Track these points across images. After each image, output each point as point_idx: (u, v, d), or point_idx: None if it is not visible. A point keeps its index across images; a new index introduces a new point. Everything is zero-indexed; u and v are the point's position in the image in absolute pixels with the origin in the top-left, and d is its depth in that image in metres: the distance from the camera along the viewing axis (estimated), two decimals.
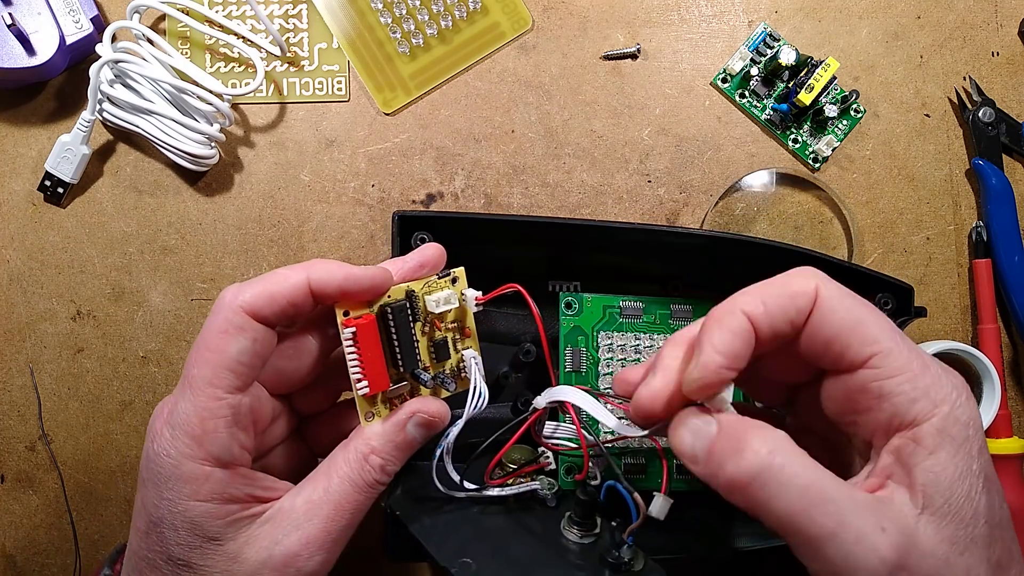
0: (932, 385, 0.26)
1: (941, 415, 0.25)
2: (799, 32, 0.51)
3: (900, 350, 0.26)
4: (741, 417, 0.27)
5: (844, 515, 0.24)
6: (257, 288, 0.30)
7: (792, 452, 0.25)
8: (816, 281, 0.27)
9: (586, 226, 0.42)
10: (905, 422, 0.26)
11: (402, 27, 0.50)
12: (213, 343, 0.30)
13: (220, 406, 0.30)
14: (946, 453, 0.25)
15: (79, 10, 0.47)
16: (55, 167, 0.48)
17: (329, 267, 0.31)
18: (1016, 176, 0.51)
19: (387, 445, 0.33)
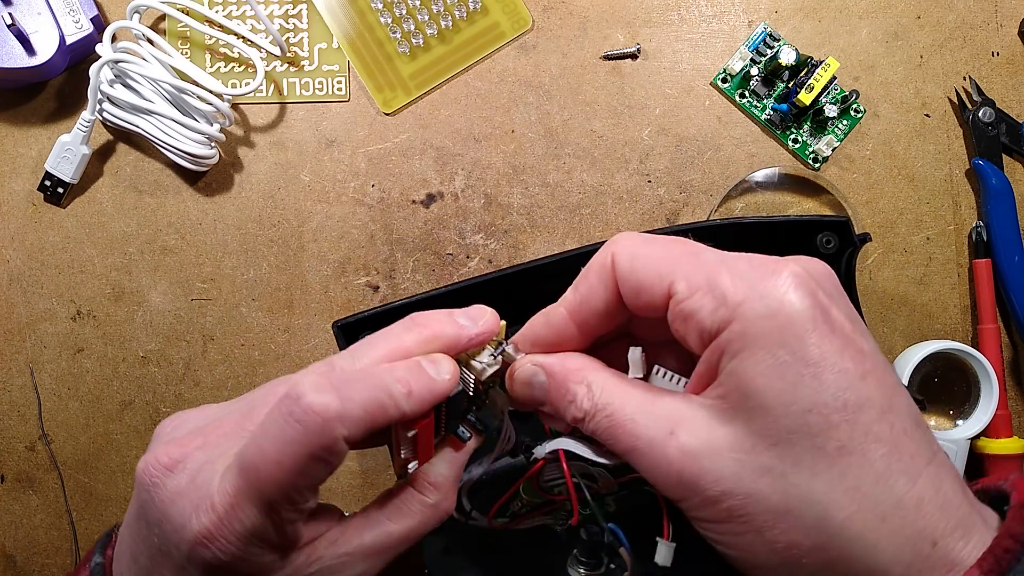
0: (730, 288, 0.25)
1: (739, 316, 0.24)
2: (799, 32, 0.51)
3: (695, 269, 0.26)
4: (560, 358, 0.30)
5: (638, 428, 0.26)
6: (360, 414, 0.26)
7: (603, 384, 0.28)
8: (611, 248, 0.28)
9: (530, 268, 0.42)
10: (710, 333, 0.25)
11: (402, 27, 0.50)
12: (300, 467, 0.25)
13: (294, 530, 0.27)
14: (747, 351, 0.24)
15: (79, 10, 0.47)
16: (55, 167, 0.48)
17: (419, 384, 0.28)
18: (1016, 176, 0.51)
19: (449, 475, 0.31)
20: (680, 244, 0.27)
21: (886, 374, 0.25)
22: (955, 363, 0.48)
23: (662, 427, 0.26)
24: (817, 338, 0.24)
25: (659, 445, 0.26)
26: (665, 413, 0.26)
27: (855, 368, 0.24)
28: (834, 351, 0.24)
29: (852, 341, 0.25)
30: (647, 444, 0.26)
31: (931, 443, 0.25)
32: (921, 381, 0.49)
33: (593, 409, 0.27)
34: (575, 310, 0.29)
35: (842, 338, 0.25)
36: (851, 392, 0.24)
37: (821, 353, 0.24)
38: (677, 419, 0.26)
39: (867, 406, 0.24)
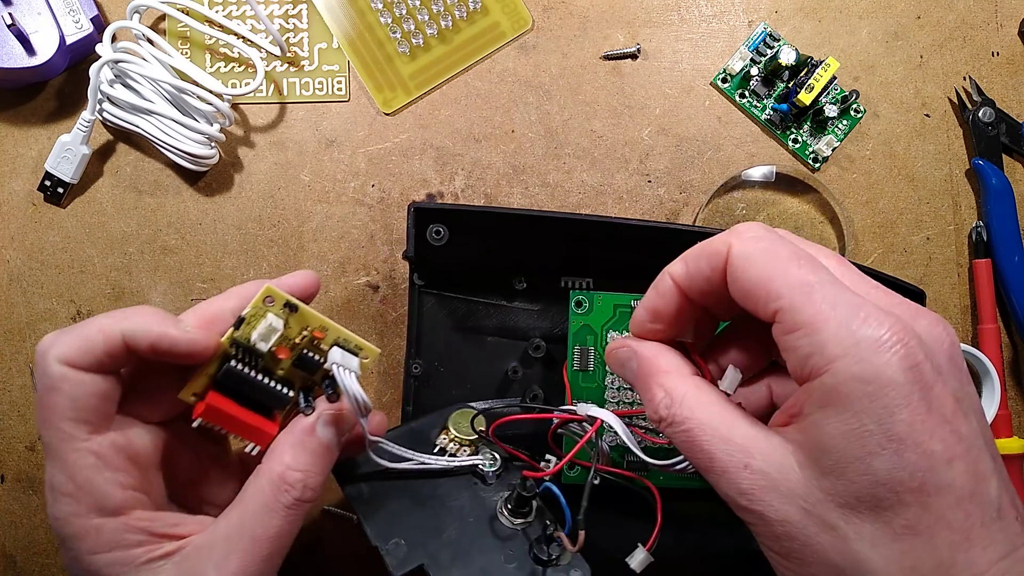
0: (830, 339, 0.24)
1: (833, 371, 0.24)
2: (799, 32, 0.51)
3: (806, 303, 0.25)
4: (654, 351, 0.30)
5: (715, 453, 0.26)
6: (70, 338, 0.29)
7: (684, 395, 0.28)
8: (731, 239, 0.28)
9: (600, 222, 0.42)
10: (803, 376, 0.25)
11: (402, 27, 0.50)
12: (43, 403, 0.29)
13: (77, 456, 0.28)
14: (833, 410, 0.24)
15: (79, 10, 0.47)
16: (55, 167, 0.48)
17: (146, 320, 0.30)
18: (1016, 176, 0.51)
19: (301, 456, 0.30)
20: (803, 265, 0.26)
21: (980, 460, 0.24)
22: None
23: (738, 458, 0.26)
24: (908, 414, 0.23)
25: (733, 475, 0.26)
26: (742, 442, 0.26)
27: (943, 451, 0.24)
28: (924, 430, 0.24)
29: (948, 422, 0.24)
30: (721, 470, 0.26)
31: (1013, 537, 0.24)
32: None
33: (670, 419, 0.28)
34: (683, 282, 0.30)
35: (938, 418, 0.24)
36: (931, 475, 0.23)
37: (909, 431, 0.23)
38: (753, 451, 0.26)
39: (946, 491, 0.24)
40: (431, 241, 0.42)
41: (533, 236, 0.43)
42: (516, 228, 0.42)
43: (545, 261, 0.44)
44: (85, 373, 0.29)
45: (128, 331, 0.29)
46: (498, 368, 0.44)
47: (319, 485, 0.30)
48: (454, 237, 0.41)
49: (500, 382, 0.44)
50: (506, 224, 0.42)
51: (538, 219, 0.42)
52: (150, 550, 0.29)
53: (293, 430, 0.31)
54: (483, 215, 0.42)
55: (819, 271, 0.26)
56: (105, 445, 0.29)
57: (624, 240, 0.43)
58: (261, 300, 0.31)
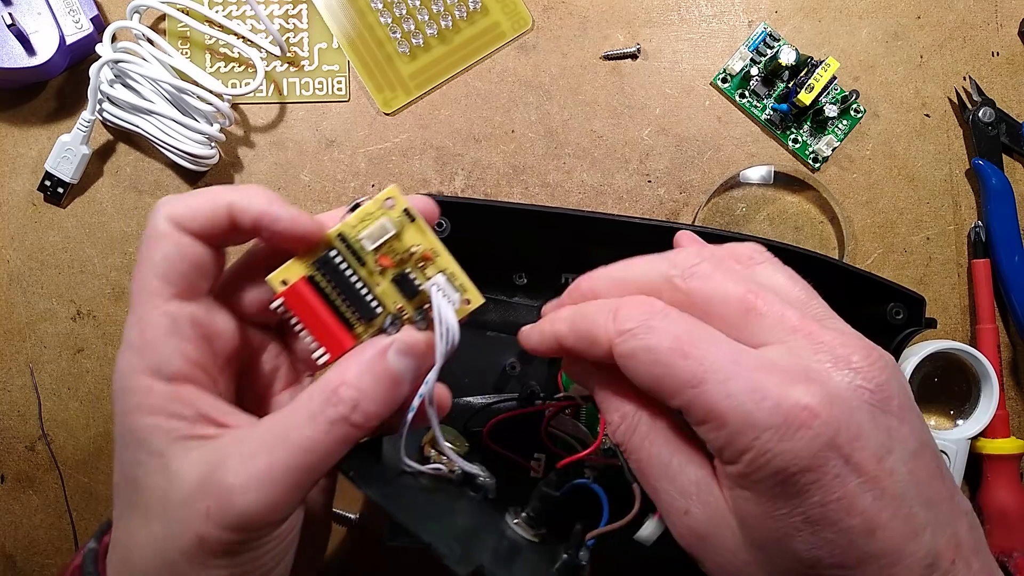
0: (734, 434, 0.24)
1: (743, 463, 0.24)
2: (799, 32, 0.51)
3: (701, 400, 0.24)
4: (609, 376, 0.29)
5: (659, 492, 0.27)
6: (182, 199, 0.28)
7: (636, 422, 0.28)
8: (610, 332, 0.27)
9: (601, 219, 0.42)
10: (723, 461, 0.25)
11: (402, 27, 0.50)
12: (142, 253, 0.28)
13: (154, 314, 0.27)
14: (751, 493, 0.24)
15: (79, 10, 0.47)
16: (55, 167, 0.48)
17: (254, 194, 0.28)
18: (1016, 176, 0.51)
19: (364, 376, 0.27)
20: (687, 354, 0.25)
21: (907, 518, 0.23)
22: (955, 363, 0.48)
23: (679, 503, 0.26)
24: (821, 496, 0.23)
25: (674, 517, 0.27)
26: (686, 487, 0.26)
27: (862, 524, 0.23)
28: (840, 508, 0.23)
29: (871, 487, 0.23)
30: (665, 510, 0.27)
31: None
32: (921, 381, 0.49)
33: (625, 446, 0.28)
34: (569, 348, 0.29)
35: (855, 488, 0.23)
36: (850, 550, 0.23)
37: (823, 512, 0.23)
38: (694, 499, 0.26)
39: (868, 562, 0.23)
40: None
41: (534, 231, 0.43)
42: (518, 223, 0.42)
43: (546, 257, 0.44)
44: (187, 235, 0.28)
45: (235, 201, 0.28)
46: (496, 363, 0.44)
47: (373, 415, 0.27)
48: (456, 230, 0.41)
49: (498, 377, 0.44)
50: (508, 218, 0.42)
51: (540, 214, 0.42)
52: (190, 427, 0.27)
53: (364, 348, 0.28)
54: (486, 209, 0.42)
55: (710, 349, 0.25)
56: (183, 313, 0.28)
57: (624, 238, 0.43)
58: (382, 199, 0.30)
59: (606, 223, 0.42)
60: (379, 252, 0.30)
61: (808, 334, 0.25)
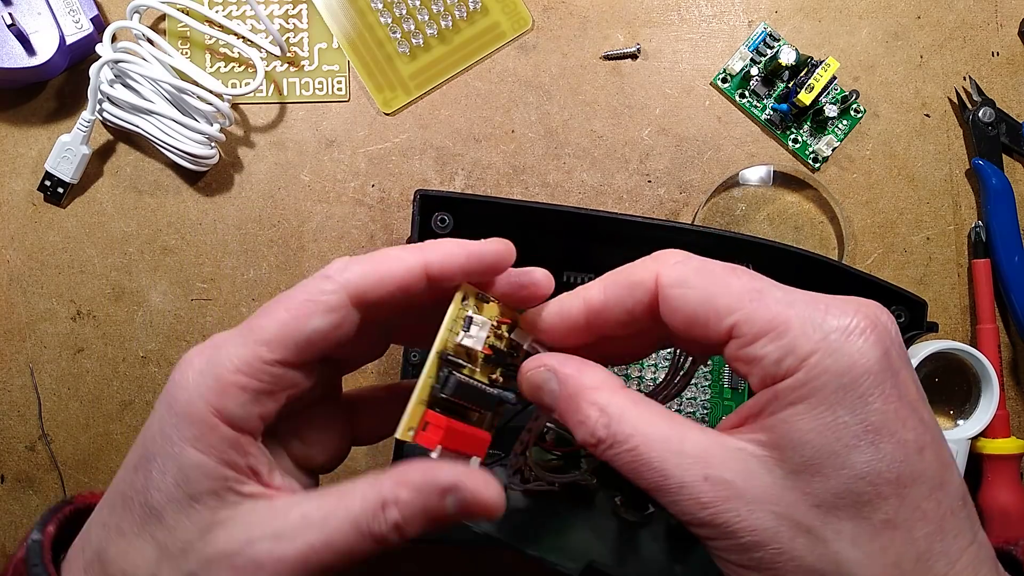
0: (799, 337, 0.23)
1: (806, 367, 0.23)
2: (799, 32, 0.51)
3: (762, 310, 0.24)
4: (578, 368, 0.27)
5: (668, 469, 0.24)
6: (367, 267, 0.27)
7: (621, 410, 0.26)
8: (657, 268, 0.26)
9: (602, 217, 0.42)
10: (776, 379, 0.24)
11: (402, 27, 0.50)
12: (295, 305, 0.26)
13: (262, 369, 0.26)
14: (806, 405, 0.23)
15: (79, 10, 0.47)
16: (55, 167, 0.48)
17: (447, 246, 0.27)
18: (1016, 176, 0.51)
19: (414, 505, 0.26)
20: (741, 276, 0.25)
21: (942, 448, 0.24)
22: (955, 363, 0.48)
23: (696, 470, 0.24)
24: (882, 403, 0.23)
25: (692, 490, 0.24)
26: (696, 452, 0.24)
27: (915, 440, 0.23)
28: (897, 419, 0.23)
29: (916, 410, 0.24)
30: (678, 487, 0.24)
31: (973, 523, 0.24)
32: (922, 381, 0.49)
33: (611, 439, 0.25)
34: (595, 312, 0.28)
35: (907, 406, 0.23)
36: (906, 465, 0.23)
37: (884, 419, 0.23)
38: (710, 460, 0.24)
39: (920, 481, 0.23)
40: (436, 229, 0.42)
41: (536, 228, 0.43)
42: (520, 219, 0.42)
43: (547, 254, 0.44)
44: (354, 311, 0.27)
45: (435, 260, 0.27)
46: None
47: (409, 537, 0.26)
48: (458, 226, 0.41)
49: None
50: (510, 215, 0.42)
51: (542, 211, 0.42)
52: (237, 479, 0.26)
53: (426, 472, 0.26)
54: (488, 205, 0.42)
55: (759, 278, 0.25)
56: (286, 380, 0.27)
57: (626, 237, 0.43)
58: (459, 299, 0.28)
59: (608, 221, 0.42)
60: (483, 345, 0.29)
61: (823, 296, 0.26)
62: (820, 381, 0.23)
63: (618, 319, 0.27)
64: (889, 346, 0.24)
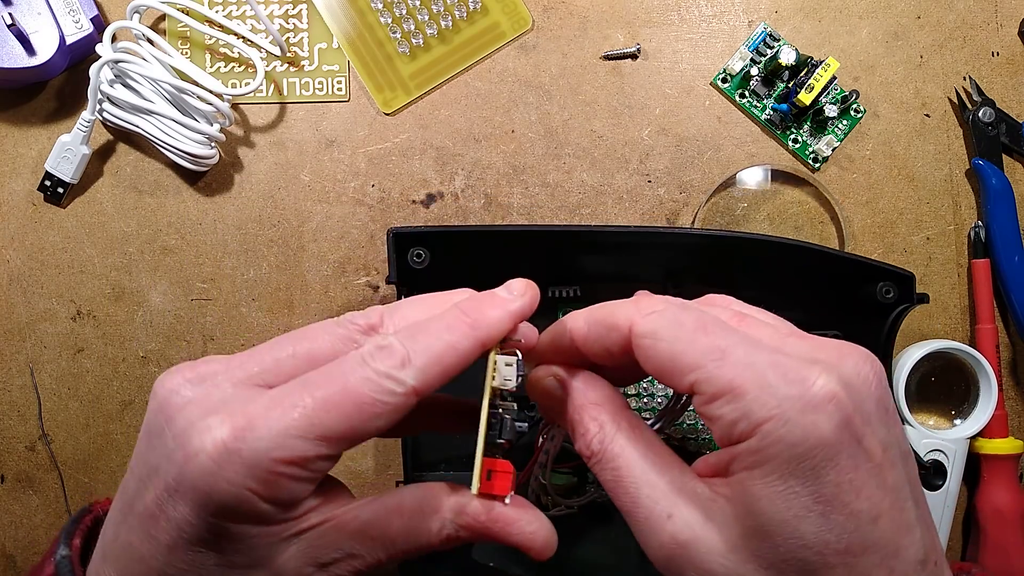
0: (753, 403, 0.23)
1: (759, 434, 0.23)
2: (799, 32, 0.51)
3: (722, 370, 0.24)
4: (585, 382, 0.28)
5: (639, 497, 0.25)
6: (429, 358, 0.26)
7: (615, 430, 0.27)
8: (633, 315, 0.26)
9: (582, 231, 0.42)
10: (730, 442, 0.24)
11: (402, 27, 0.50)
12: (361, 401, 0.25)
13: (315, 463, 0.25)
14: (760, 471, 0.23)
15: (79, 10, 0.47)
16: (55, 167, 0.48)
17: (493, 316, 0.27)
18: (1016, 176, 0.51)
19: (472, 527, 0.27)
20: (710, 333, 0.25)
21: (904, 511, 0.24)
22: (954, 363, 0.48)
23: (662, 506, 0.25)
24: (835, 475, 0.23)
25: (655, 524, 0.25)
26: (669, 490, 0.25)
27: (868, 510, 0.23)
28: (851, 489, 0.23)
29: (875, 476, 0.23)
30: (644, 518, 0.25)
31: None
32: (919, 380, 0.49)
33: (600, 455, 0.27)
34: (580, 343, 0.29)
35: (864, 473, 0.23)
36: (856, 535, 0.23)
37: (836, 491, 0.23)
38: (679, 501, 0.25)
39: (871, 551, 0.23)
40: (413, 265, 0.42)
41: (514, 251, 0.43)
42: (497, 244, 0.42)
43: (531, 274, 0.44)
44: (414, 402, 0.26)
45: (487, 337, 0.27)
46: None
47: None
48: (436, 259, 0.41)
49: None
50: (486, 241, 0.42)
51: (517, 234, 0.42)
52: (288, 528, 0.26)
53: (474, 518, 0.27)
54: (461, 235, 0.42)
55: (729, 334, 0.25)
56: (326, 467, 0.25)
57: (607, 246, 0.43)
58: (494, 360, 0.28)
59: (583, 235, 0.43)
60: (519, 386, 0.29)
61: (803, 337, 0.26)
62: (773, 450, 0.23)
63: (599, 354, 0.28)
64: (852, 413, 0.23)
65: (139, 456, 0.27)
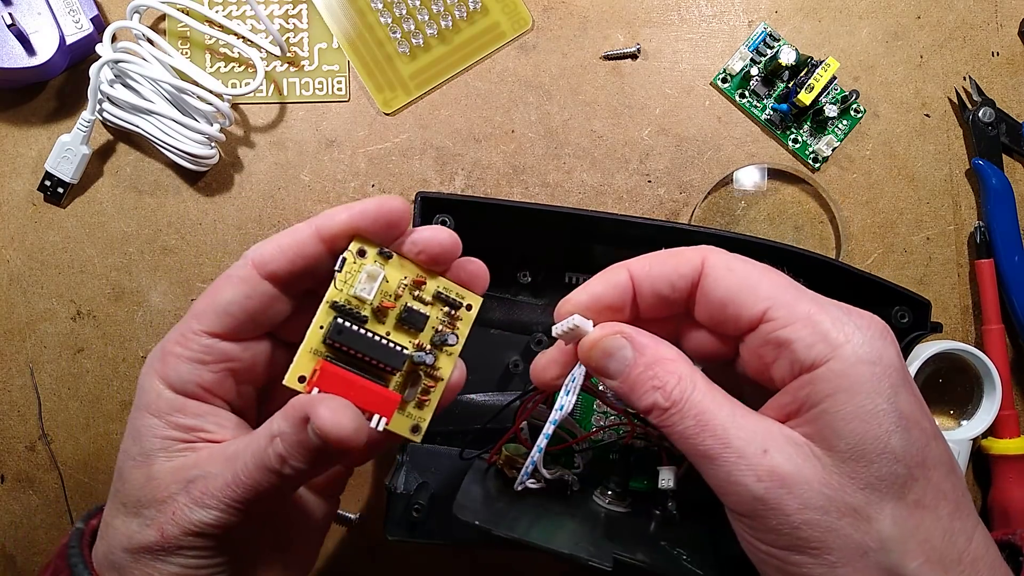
0: (832, 328, 0.26)
1: (840, 356, 0.25)
2: (799, 32, 0.51)
3: (796, 300, 0.27)
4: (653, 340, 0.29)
5: (729, 437, 0.26)
6: (270, 240, 0.31)
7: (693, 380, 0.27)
8: (704, 253, 0.29)
9: (604, 218, 0.42)
10: (804, 367, 0.26)
11: (402, 27, 0.50)
12: (216, 284, 0.31)
13: (192, 339, 0.30)
14: (845, 394, 0.25)
15: (79, 10, 0.47)
16: (55, 167, 0.48)
17: (334, 208, 0.30)
18: (1016, 176, 0.51)
19: (291, 437, 0.28)
20: (778, 272, 0.28)
21: (944, 439, 0.27)
22: (958, 363, 0.48)
23: (755, 443, 0.26)
24: (906, 394, 0.26)
25: (750, 460, 0.25)
26: (758, 430, 0.26)
27: (931, 429, 0.26)
28: (917, 409, 0.26)
29: (923, 404, 0.26)
30: (736, 455, 0.26)
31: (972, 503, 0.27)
32: (925, 382, 0.49)
33: (682, 404, 0.27)
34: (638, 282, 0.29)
35: (918, 399, 0.26)
36: (929, 450, 0.25)
37: (910, 409, 0.25)
38: (769, 440, 0.26)
39: (939, 464, 0.26)
40: None
41: (538, 230, 0.43)
42: (521, 221, 0.42)
43: (550, 256, 0.44)
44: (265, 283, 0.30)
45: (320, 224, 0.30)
46: (499, 361, 0.44)
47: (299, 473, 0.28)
48: (459, 228, 0.41)
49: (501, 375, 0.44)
50: (512, 217, 0.42)
51: (543, 213, 0.42)
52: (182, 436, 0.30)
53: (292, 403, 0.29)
54: (489, 207, 0.42)
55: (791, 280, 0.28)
56: (217, 349, 0.31)
57: (627, 237, 0.43)
58: (355, 251, 0.30)
59: (608, 222, 0.43)
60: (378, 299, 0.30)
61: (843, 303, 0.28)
62: (856, 371, 0.25)
63: (658, 293, 0.29)
64: (899, 348, 0.26)
65: None
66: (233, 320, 0.30)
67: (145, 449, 0.30)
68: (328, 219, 0.30)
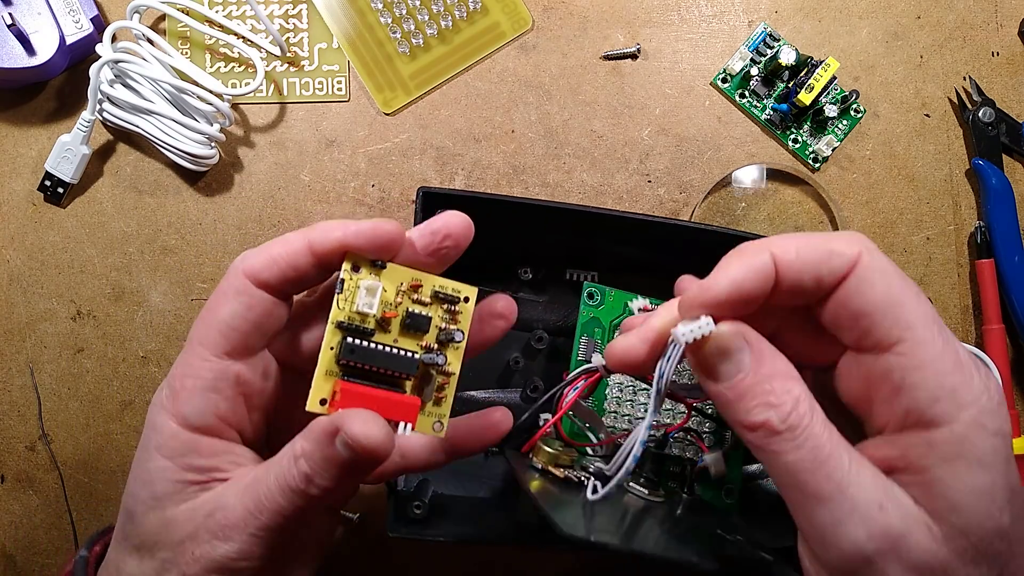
0: (961, 386, 0.23)
1: (964, 421, 0.23)
2: (799, 32, 0.51)
3: (933, 341, 0.24)
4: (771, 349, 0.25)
5: (846, 483, 0.23)
6: (260, 252, 0.29)
7: (812, 408, 0.24)
8: (861, 247, 0.25)
9: (606, 215, 0.42)
10: (922, 421, 0.23)
11: (402, 27, 0.50)
12: (211, 304, 0.29)
13: (201, 367, 0.29)
14: (964, 465, 0.23)
15: (79, 10, 0.47)
16: (55, 167, 0.48)
17: (328, 223, 0.29)
18: (1016, 176, 0.51)
19: (315, 455, 0.27)
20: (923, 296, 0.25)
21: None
22: None
23: (872, 496, 0.23)
24: (1014, 465, 0.24)
25: (864, 513, 0.23)
26: (876, 483, 0.24)
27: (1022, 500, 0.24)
28: (1018, 478, 0.24)
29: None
30: (851, 505, 0.23)
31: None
32: None
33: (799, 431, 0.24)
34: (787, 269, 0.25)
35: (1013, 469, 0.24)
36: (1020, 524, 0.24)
37: (1016, 481, 0.24)
38: (885, 496, 0.23)
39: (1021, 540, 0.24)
40: None
41: (540, 226, 0.43)
42: (522, 217, 0.42)
43: (551, 253, 0.44)
44: (261, 290, 0.29)
45: (315, 236, 0.29)
46: (500, 357, 0.44)
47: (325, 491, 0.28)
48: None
49: (501, 371, 0.44)
50: (513, 213, 0.42)
51: (544, 209, 0.42)
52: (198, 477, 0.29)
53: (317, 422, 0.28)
54: (490, 203, 0.42)
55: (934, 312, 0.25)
56: (230, 372, 0.29)
57: (630, 235, 0.43)
58: (349, 267, 0.30)
59: (610, 219, 0.43)
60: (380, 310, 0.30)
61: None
62: (981, 442, 0.23)
63: (798, 285, 0.25)
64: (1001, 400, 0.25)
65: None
66: (239, 334, 0.29)
67: (157, 493, 0.29)
68: (322, 235, 0.29)
